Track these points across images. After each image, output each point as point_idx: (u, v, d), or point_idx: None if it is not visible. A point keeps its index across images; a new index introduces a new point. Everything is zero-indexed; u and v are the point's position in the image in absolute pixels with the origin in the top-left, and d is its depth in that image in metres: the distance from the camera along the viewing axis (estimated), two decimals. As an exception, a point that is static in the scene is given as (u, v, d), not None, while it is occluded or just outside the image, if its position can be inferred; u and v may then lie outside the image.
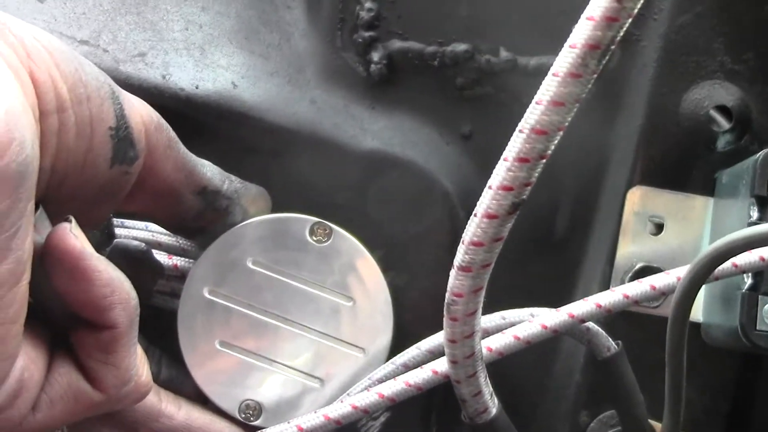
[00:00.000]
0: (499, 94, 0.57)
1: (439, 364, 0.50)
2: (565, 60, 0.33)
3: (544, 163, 0.35)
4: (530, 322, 0.50)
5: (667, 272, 0.49)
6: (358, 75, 0.57)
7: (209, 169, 0.49)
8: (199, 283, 0.53)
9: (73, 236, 0.40)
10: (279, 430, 0.51)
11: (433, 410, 0.59)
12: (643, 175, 0.56)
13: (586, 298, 0.49)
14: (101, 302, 0.40)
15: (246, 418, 0.53)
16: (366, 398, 0.50)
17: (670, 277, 0.49)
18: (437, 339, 0.51)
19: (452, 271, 0.40)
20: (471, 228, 0.38)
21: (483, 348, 0.47)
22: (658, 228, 0.55)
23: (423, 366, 0.50)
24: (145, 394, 0.45)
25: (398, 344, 0.53)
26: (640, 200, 0.55)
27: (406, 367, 0.51)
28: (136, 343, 0.43)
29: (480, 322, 0.43)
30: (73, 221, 0.40)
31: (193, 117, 0.53)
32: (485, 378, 0.46)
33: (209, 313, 0.53)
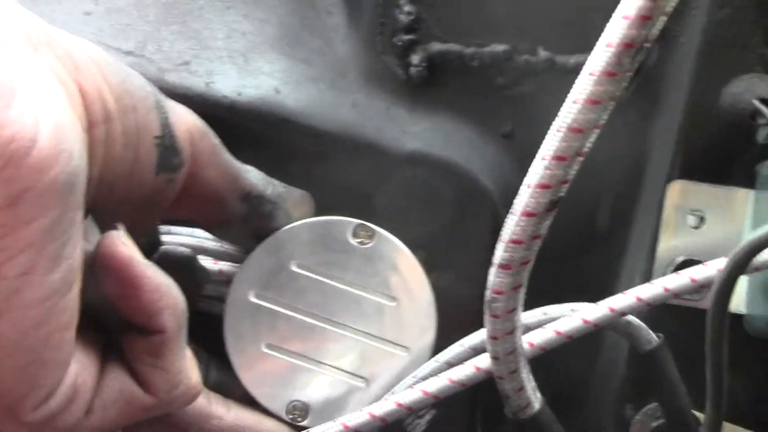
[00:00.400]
0: (538, 93, 0.58)
1: (482, 361, 0.50)
2: (599, 59, 0.33)
3: (581, 161, 0.36)
4: (570, 317, 0.50)
5: (707, 264, 0.49)
6: (398, 78, 0.58)
7: (253, 174, 0.50)
8: (245, 287, 0.54)
9: (122, 243, 0.40)
10: (325, 429, 0.51)
11: (478, 407, 0.59)
12: (683, 170, 0.55)
13: (626, 292, 0.49)
14: (150, 307, 0.41)
15: (293, 419, 0.54)
16: (410, 395, 0.50)
17: (709, 269, 0.48)
18: (480, 336, 0.52)
19: (492, 269, 0.40)
20: (509, 226, 0.38)
21: (525, 343, 0.47)
22: (700, 221, 0.55)
23: (465, 362, 0.51)
24: (195, 396, 0.46)
25: (442, 343, 0.54)
26: (681, 194, 0.55)
27: (450, 365, 0.52)
28: (185, 346, 0.44)
29: (521, 319, 0.43)
30: (122, 229, 0.41)
31: (237, 123, 0.54)
32: (528, 373, 0.47)
33: (255, 317, 0.54)
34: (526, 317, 0.51)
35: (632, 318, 0.51)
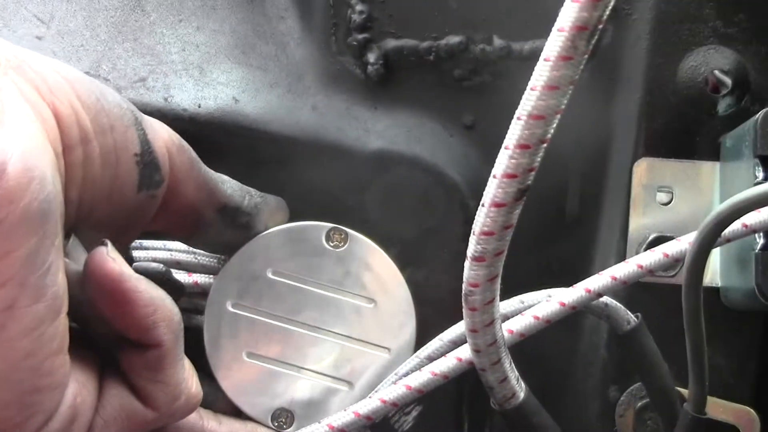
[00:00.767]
0: (496, 82, 0.58)
1: (463, 351, 0.50)
2: (554, 44, 0.33)
3: (545, 148, 0.36)
4: (548, 301, 0.50)
5: (679, 239, 0.49)
6: (356, 77, 0.58)
7: (229, 185, 0.49)
8: (222, 297, 0.54)
9: (111, 260, 0.40)
10: (311, 431, 0.51)
11: (464, 401, 0.59)
12: (647, 147, 0.56)
13: (601, 272, 0.50)
14: (145, 322, 0.41)
15: (279, 426, 0.54)
16: (394, 391, 0.50)
17: (681, 244, 0.49)
18: (459, 329, 0.52)
19: (466, 263, 0.40)
20: (480, 218, 0.38)
21: (504, 331, 0.47)
22: (668, 197, 0.56)
23: (447, 354, 0.51)
24: (197, 405, 0.45)
25: (421, 339, 0.54)
26: (647, 172, 0.56)
27: (431, 359, 0.52)
28: (183, 357, 0.44)
29: (499, 310, 0.43)
30: (110, 244, 0.40)
31: (199, 135, 0.53)
32: (510, 363, 0.47)
33: (234, 326, 0.54)
34: (504, 307, 0.51)
35: (609, 300, 0.51)
